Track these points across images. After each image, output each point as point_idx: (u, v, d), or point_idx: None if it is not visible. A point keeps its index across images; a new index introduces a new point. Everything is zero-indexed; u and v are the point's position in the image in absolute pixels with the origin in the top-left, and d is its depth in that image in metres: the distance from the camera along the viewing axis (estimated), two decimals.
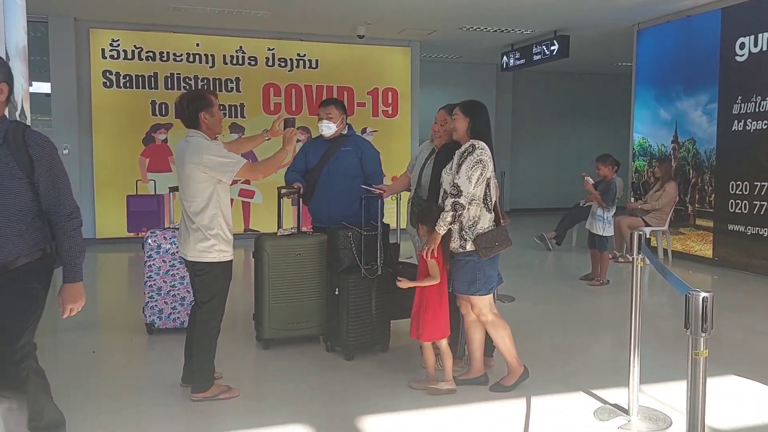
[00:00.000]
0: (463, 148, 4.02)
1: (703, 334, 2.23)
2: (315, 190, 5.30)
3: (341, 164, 5.25)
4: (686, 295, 2.24)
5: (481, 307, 4.12)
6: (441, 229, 3.96)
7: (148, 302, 5.42)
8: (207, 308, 3.99)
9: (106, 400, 4.19)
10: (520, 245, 10.12)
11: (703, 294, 2.22)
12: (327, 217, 5.15)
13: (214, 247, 3.90)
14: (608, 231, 7.63)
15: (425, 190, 4.54)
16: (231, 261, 4.05)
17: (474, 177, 3.93)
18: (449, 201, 3.93)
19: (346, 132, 5.37)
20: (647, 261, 3.68)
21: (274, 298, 4.96)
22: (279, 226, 5.19)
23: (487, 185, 4.01)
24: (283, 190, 5.26)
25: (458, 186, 3.92)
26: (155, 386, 4.38)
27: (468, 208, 3.95)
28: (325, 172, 5.27)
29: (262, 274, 4.96)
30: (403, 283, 4.12)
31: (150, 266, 5.41)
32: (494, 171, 4.08)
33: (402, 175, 5.07)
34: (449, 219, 3.94)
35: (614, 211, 7.66)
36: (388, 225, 4.97)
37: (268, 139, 4.57)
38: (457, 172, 3.95)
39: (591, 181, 7.65)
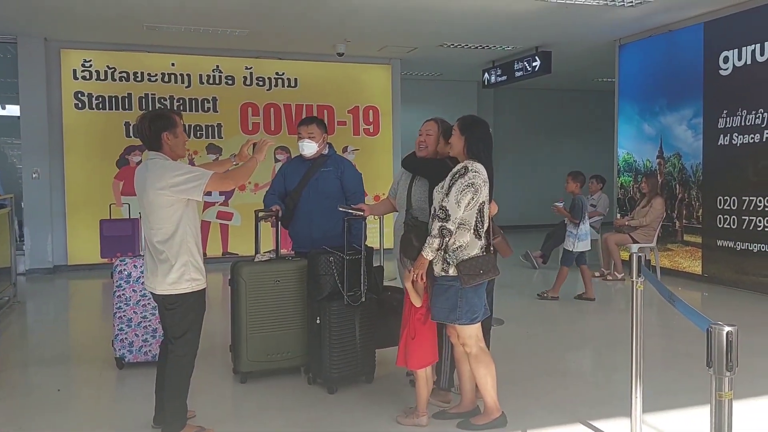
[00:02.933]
0: (455, 169, 3.75)
1: (728, 373, 1.99)
2: (295, 213, 5.06)
3: (322, 185, 5.02)
4: (708, 329, 2.01)
5: (466, 338, 3.83)
6: (428, 255, 3.70)
7: (117, 335, 5.11)
8: (180, 343, 3.68)
9: None
10: (505, 264, 9.90)
11: (727, 328, 1.98)
12: (309, 241, 4.91)
13: (185, 276, 3.60)
14: (579, 246, 7.61)
15: (419, 210, 4.23)
16: (204, 290, 3.75)
17: (464, 201, 3.65)
18: (436, 225, 3.66)
19: (326, 152, 5.15)
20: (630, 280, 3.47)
21: (251, 329, 4.68)
22: (256, 251, 4.93)
23: (480, 211, 3.75)
24: (261, 214, 5.01)
25: (446, 209, 3.65)
26: (125, 427, 4.08)
27: (455, 233, 3.70)
28: (305, 193, 5.03)
29: (239, 303, 4.69)
30: (407, 278, 3.81)
31: (119, 296, 5.11)
32: (489, 195, 3.82)
33: (384, 199, 4.80)
34: (436, 245, 3.67)
35: (586, 226, 7.63)
36: (371, 248, 4.72)
37: (235, 164, 4.28)
38: (447, 194, 3.68)
39: (559, 205, 7.73)
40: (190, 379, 3.79)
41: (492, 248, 3.90)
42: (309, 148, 5.02)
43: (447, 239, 3.66)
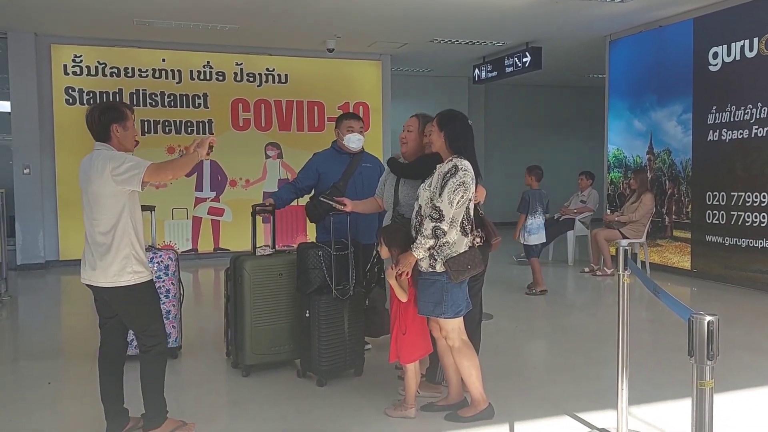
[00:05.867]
0: (446, 169, 3.74)
1: (709, 362, 2.02)
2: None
3: (367, 180, 5.03)
4: (689, 319, 2.04)
5: (449, 331, 3.85)
6: (419, 254, 3.71)
7: None
8: (148, 336, 3.64)
9: None
10: (496, 260, 9.96)
11: (708, 317, 2.01)
12: (354, 233, 4.80)
13: (126, 269, 3.55)
14: (530, 240, 7.87)
15: (406, 206, 4.24)
16: (151, 281, 3.70)
17: (456, 200, 3.66)
18: (430, 225, 3.66)
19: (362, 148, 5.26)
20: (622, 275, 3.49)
21: (256, 322, 4.69)
22: (255, 245, 4.92)
23: (467, 207, 3.77)
24: (258, 208, 5.01)
25: (440, 210, 3.65)
26: None
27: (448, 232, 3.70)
28: (351, 187, 5.04)
29: (242, 296, 4.68)
30: (391, 275, 3.84)
31: None
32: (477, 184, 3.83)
33: (371, 198, 4.70)
34: (429, 245, 3.68)
35: (538, 220, 7.88)
36: (360, 242, 4.74)
37: None
38: (440, 194, 3.68)
39: None
40: (165, 370, 3.75)
41: (481, 240, 3.92)
42: (359, 141, 5.13)
43: (441, 239, 3.68)
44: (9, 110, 10.08)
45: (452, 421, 3.93)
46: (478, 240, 3.90)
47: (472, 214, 3.82)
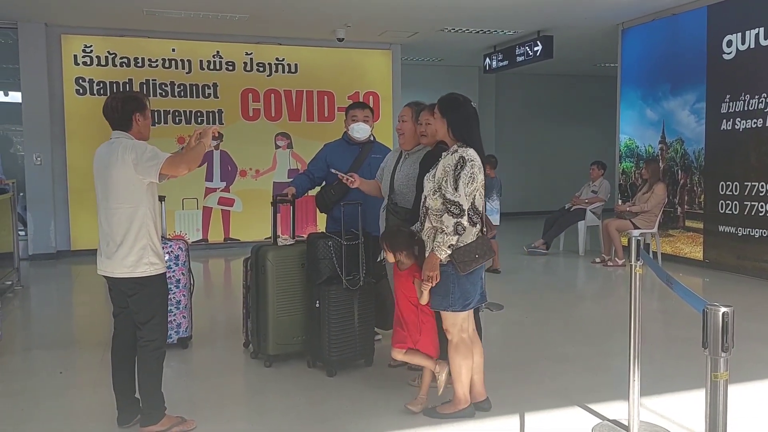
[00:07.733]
0: (453, 161, 3.61)
1: (724, 354, 2.00)
2: (348, 198, 4.89)
3: (375, 171, 4.92)
4: (704, 310, 2.01)
5: (450, 325, 3.75)
6: (443, 254, 3.58)
7: None
8: (148, 329, 3.60)
9: (69, 426, 3.91)
10: (506, 251, 9.92)
11: (723, 309, 1.99)
12: (365, 223, 4.73)
13: (143, 260, 3.54)
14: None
15: (399, 195, 4.23)
16: (164, 274, 3.69)
17: (469, 193, 3.58)
18: (451, 222, 3.54)
19: (372, 138, 5.18)
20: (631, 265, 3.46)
21: (279, 312, 4.67)
22: (275, 235, 4.91)
23: (473, 198, 3.66)
24: (279, 198, 5.00)
25: (459, 204, 3.53)
26: None
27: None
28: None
29: (266, 287, 4.66)
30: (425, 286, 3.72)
31: None
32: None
33: (374, 180, 4.67)
34: (453, 241, 3.56)
35: (494, 204, 8.06)
36: (370, 233, 4.72)
37: None
38: (456, 189, 3.56)
39: None
40: (163, 366, 3.72)
41: (484, 231, 3.86)
42: (363, 131, 5.05)
43: (461, 235, 3.59)
44: (20, 101, 10.11)
45: (430, 416, 3.85)
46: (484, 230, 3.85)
47: (478, 204, 3.70)
